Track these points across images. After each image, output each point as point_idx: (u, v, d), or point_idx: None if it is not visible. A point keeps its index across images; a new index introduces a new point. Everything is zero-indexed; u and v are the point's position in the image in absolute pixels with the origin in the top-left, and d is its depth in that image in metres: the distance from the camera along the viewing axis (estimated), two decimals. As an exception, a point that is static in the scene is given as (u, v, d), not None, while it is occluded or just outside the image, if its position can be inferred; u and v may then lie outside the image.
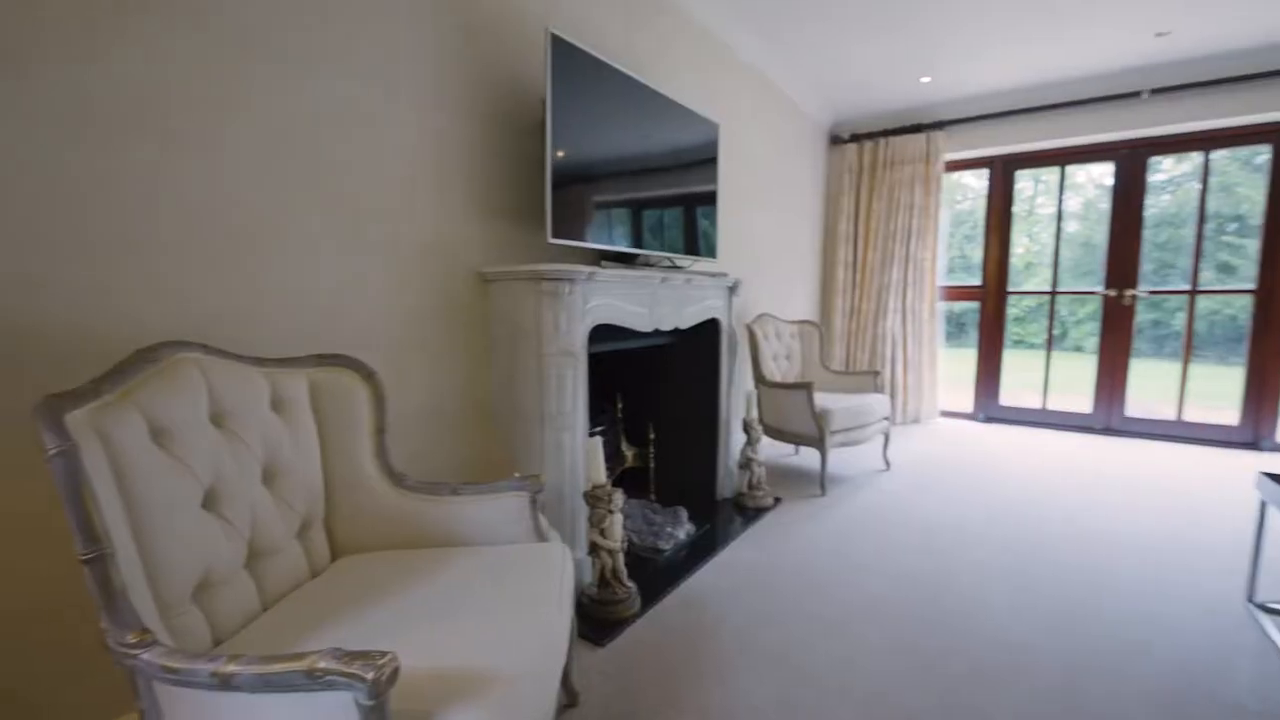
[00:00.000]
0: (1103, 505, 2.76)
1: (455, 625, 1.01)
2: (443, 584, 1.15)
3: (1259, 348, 3.71)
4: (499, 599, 1.10)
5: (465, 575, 1.18)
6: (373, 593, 1.13)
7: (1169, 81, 3.70)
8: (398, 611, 1.05)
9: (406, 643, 0.92)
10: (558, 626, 1.07)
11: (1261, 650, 1.63)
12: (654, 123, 2.29)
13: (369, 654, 0.73)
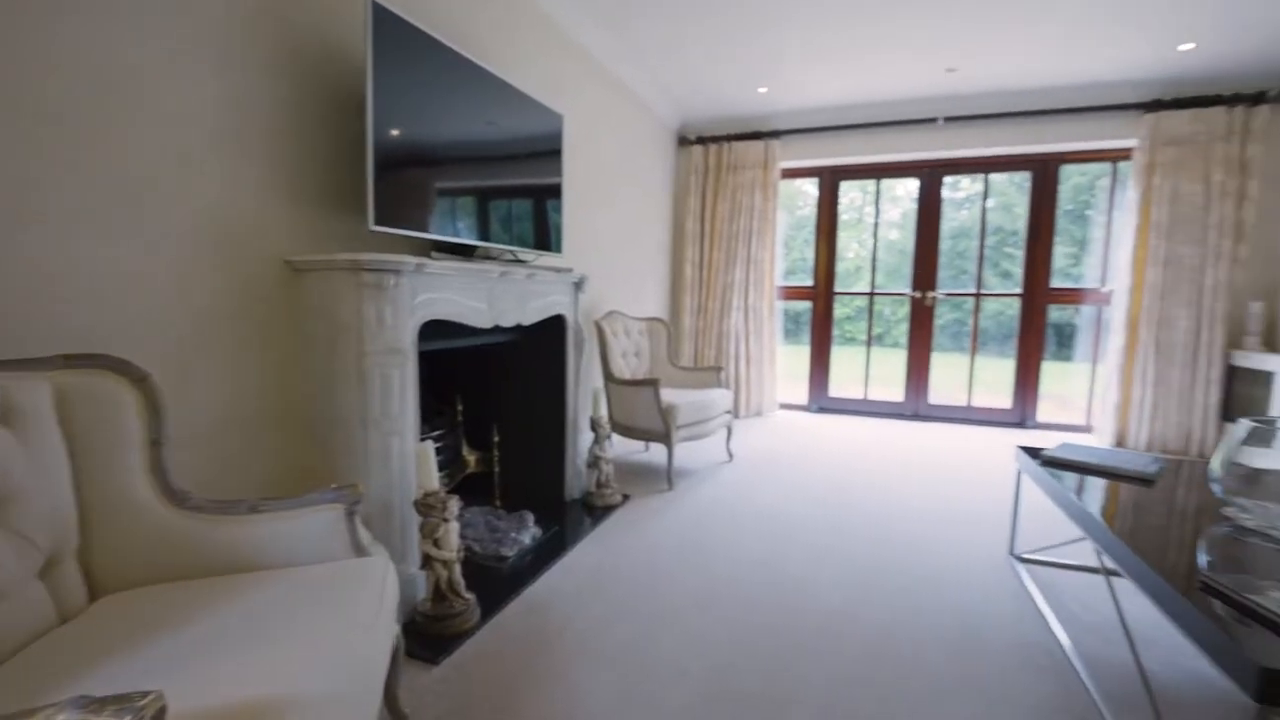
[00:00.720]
0: (909, 482, 3.23)
1: (248, 657, 0.93)
2: (236, 614, 1.05)
3: (1024, 342, 4.58)
4: (304, 623, 1.03)
5: (265, 602, 1.09)
6: (141, 632, 1.00)
7: (959, 112, 4.41)
8: (172, 650, 0.94)
9: (182, 681, 0.83)
10: (374, 647, 1.03)
11: (1017, 593, 2.03)
12: (494, 109, 2.27)
13: (126, 697, 0.66)
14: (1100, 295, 4.37)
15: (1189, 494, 1.74)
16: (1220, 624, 1.01)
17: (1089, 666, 1.60)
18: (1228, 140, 3.75)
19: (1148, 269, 3.92)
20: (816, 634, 1.77)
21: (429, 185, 2.01)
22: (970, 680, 1.56)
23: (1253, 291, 3.86)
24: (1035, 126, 4.30)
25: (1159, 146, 3.87)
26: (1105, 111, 4.08)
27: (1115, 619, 1.62)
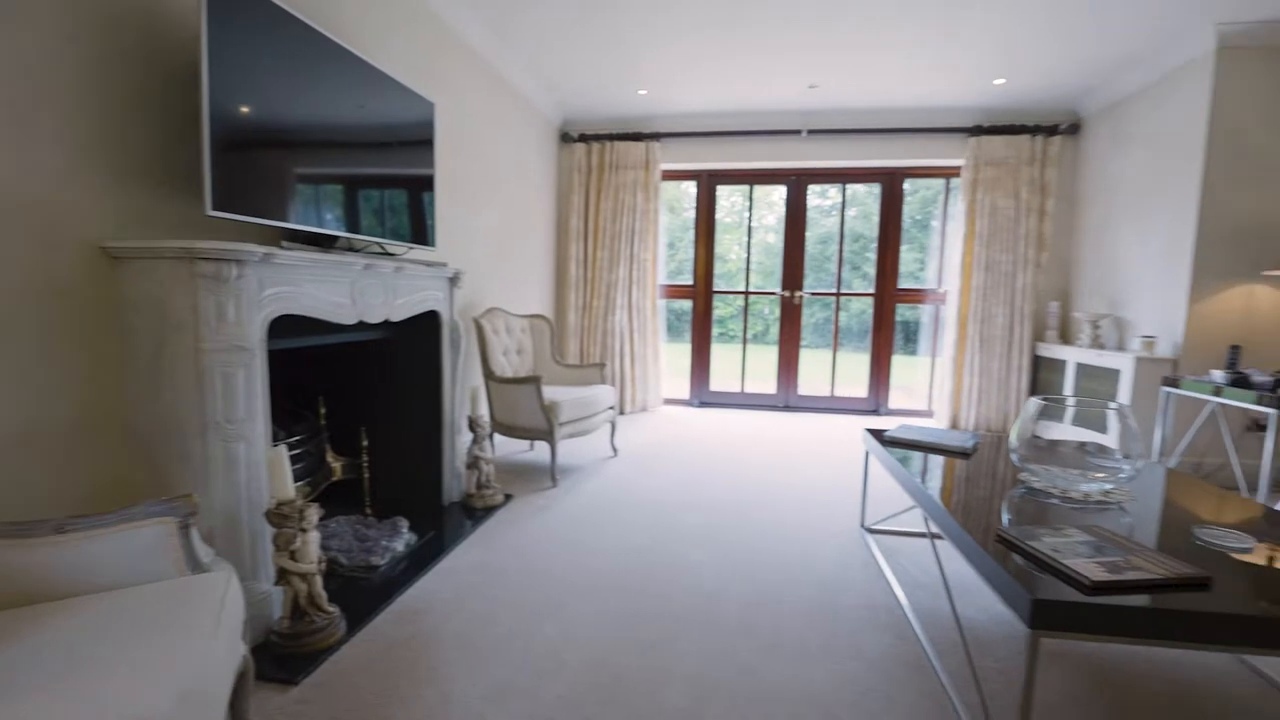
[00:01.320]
0: (778, 467, 3.47)
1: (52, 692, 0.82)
2: (38, 646, 0.92)
3: (878, 338, 5.06)
4: (121, 650, 0.93)
5: (75, 630, 0.97)
6: (-93, 678, 0.85)
7: (820, 126, 4.78)
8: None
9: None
10: (208, 671, 0.95)
11: (866, 560, 2.25)
12: (360, 93, 2.14)
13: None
14: (938, 295, 4.93)
15: (996, 463, 2.02)
16: (1007, 568, 1.20)
17: (921, 619, 1.82)
18: (1032, 164, 4.38)
19: (973, 273, 4.49)
20: (691, 614, 1.86)
21: (285, 170, 1.87)
22: (826, 641, 1.71)
23: (1051, 293, 4.55)
24: (884, 143, 4.76)
25: (981, 166, 4.44)
26: (939, 133, 4.61)
27: (939, 576, 1.85)
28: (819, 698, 1.48)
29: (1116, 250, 4.00)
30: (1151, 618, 1.07)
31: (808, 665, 1.61)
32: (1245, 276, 3.31)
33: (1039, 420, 1.83)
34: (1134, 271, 3.82)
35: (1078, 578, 1.12)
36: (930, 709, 1.44)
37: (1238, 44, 3.19)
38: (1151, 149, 3.69)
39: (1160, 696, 1.50)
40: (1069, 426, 3.83)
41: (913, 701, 1.47)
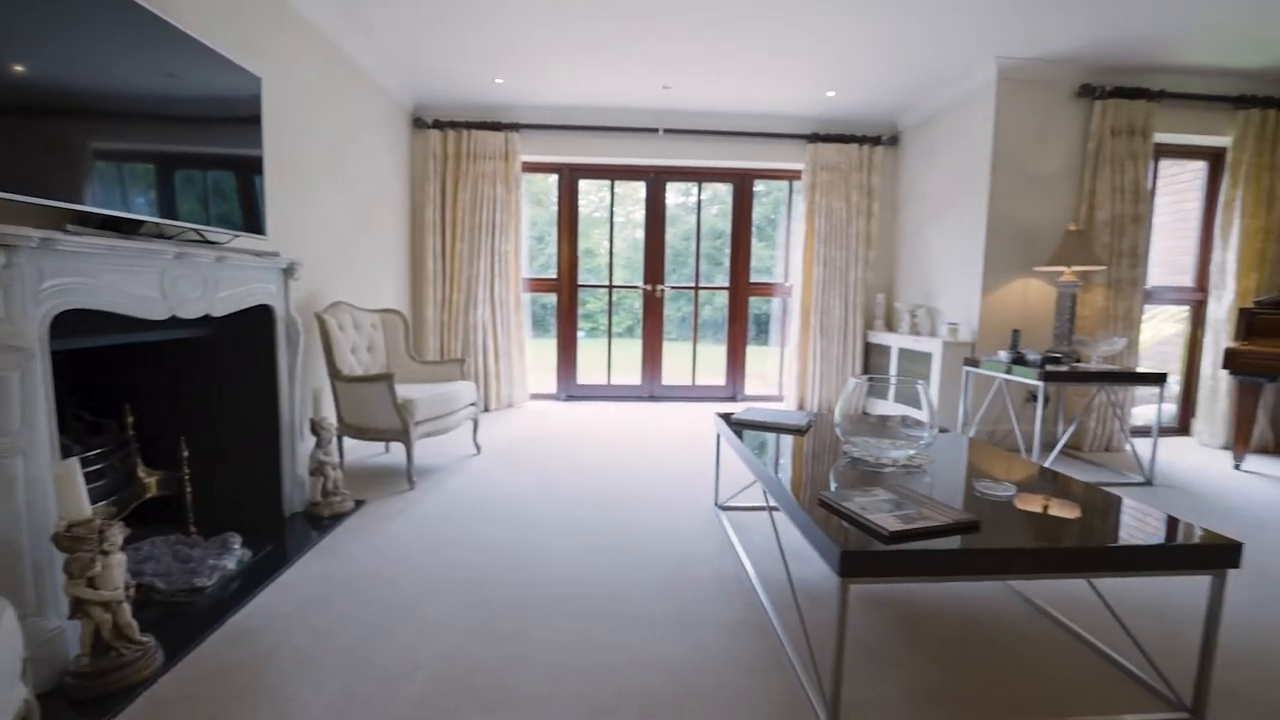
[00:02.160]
0: (640, 455, 3.60)
1: None
2: None
3: (733, 329, 5.40)
4: None
5: None
6: None
7: (677, 125, 4.99)
8: None
9: None
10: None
11: (719, 536, 2.42)
12: (166, 59, 1.90)
13: None
14: (785, 289, 5.37)
15: (826, 438, 2.27)
16: (822, 527, 1.37)
17: (764, 585, 2.00)
18: (860, 170, 4.91)
19: (814, 268, 4.94)
20: (550, 603, 1.89)
21: (76, 143, 1.62)
22: (678, 613, 1.83)
23: (878, 286, 5.14)
24: (736, 145, 5.08)
25: (818, 171, 4.89)
26: (783, 139, 5.01)
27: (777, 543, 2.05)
28: (670, 663, 1.58)
29: (928, 249, 4.61)
30: (936, 557, 1.28)
31: (661, 636, 1.71)
32: (1022, 272, 3.97)
33: (868, 399, 2.08)
34: (941, 267, 4.43)
35: (878, 529, 1.31)
36: (770, 663, 1.60)
37: (1012, 76, 3.80)
38: (952, 161, 4.29)
39: (954, 626, 1.79)
40: (891, 403, 4.35)
41: (755, 657, 1.62)
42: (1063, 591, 1.99)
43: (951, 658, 1.63)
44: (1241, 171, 3.93)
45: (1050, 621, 1.83)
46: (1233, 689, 1.53)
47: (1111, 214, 3.84)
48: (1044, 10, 3.14)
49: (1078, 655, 1.66)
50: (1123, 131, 3.80)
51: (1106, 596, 1.91)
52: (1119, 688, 1.53)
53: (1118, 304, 3.89)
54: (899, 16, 3.23)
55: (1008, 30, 3.38)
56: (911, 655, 1.64)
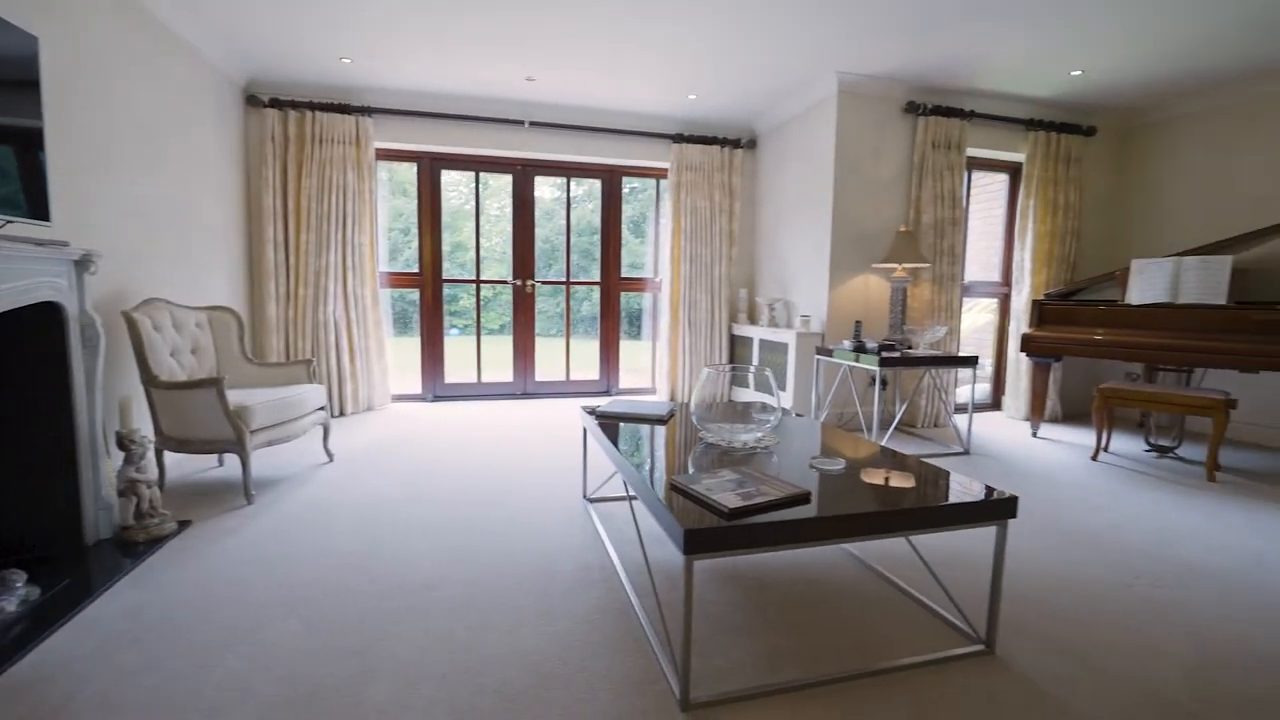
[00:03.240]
0: (511, 452, 3.55)
1: None
2: None
3: (606, 324, 5.48)
4: None
5: None
6: None
7: (543, 119, 4.95)
8: None
9: None
10: None
11: (586, 527, 2.46)
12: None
13: None
14: (655, 284, 5.54)
15: (685, 426, 2.38)
16: (670, 508, 1.44)
17: (627, 572, 2.06)
18: (722, 171, 5.17)
19: (681, 264, 5.14)
20: (404, 611, 1.82)
21: None
22: (541, 607, 1.84)
23: (741, 282, 5.45)
24: (604, 142, 5.14)
25: (683, 170, 5.09)
26: (650, 137, 5.15)
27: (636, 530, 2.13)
28: (531, 656, 1.59)
29: (783, 247, 4.96)
30: (769, 529, 1.39)
31: (522, 632, 1.71)
32: (863, 269, 4.39)
33: (732, 387, 2.20)
34: (795, 264, 4.78)
35: (719, 507, 1.41)
36: (630, 645, 1.65)
37: (851, 90, 4.19)
38: (802, 166, 4.64)
39: (800, 593, 1.95)
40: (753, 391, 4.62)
41: (616, 640, 1.67)
42: (889, 551, 2.24)
43: (796, 621, 1.79)
44: (1033, 183, 4.62)
45: (879, 578, 2.06)
46: (1023, 622, 1.81)
47: (934, 218, 4.36)
48: (872, 33, 3.49)
49: (901, 606, 1.89)
50: (942, 145, 4.33)
51: (924, 552, 2.18)
52: (933, 630, 1.75)
53: (941, 297, 4.43)
54: (748, 30, 3.44)
55: (845, 49, 3.72)
56: (762, 623, 1.77)
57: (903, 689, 1.49)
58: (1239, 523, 2.66)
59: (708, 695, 1.43)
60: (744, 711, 1.40)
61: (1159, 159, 4.70)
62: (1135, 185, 4.87)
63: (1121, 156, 4.95)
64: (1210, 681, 1.55)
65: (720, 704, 1.42)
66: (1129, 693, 1.49)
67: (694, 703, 1.40)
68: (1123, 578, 2.11)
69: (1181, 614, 1.88)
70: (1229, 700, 1.47)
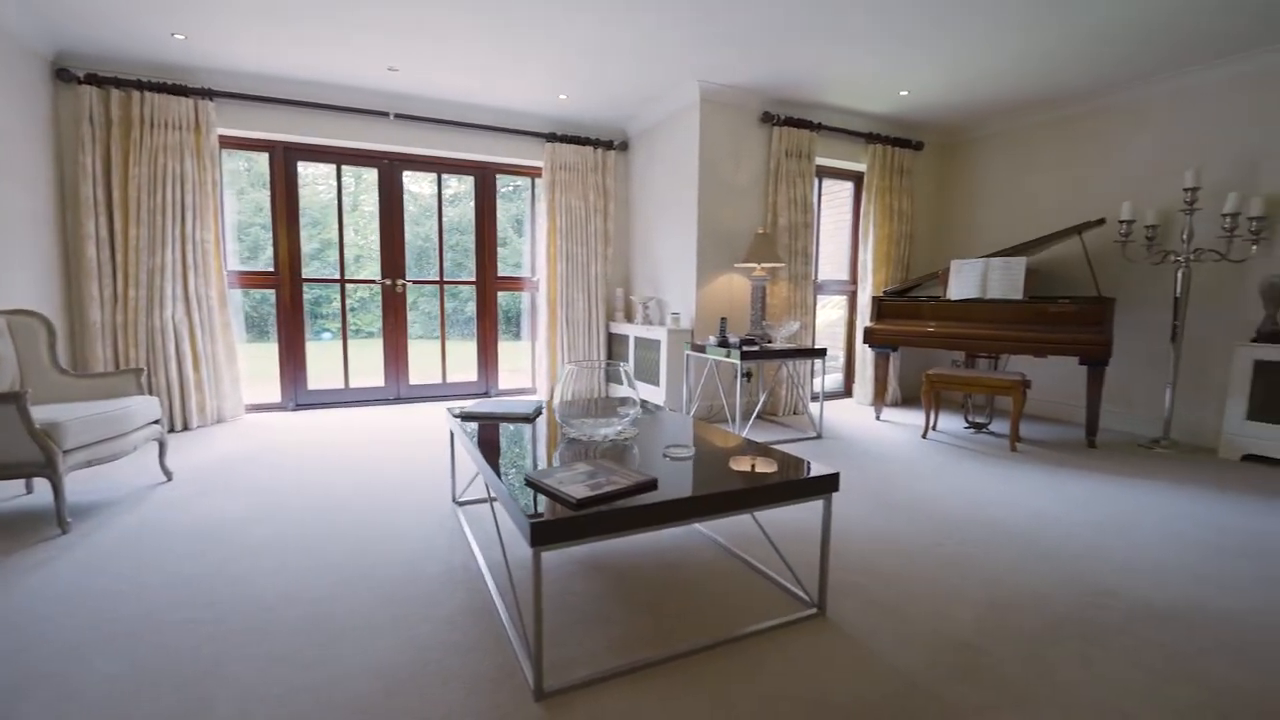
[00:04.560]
0: (380, 459, 3.39)
1: None
2: None
3: (483, 324, 5.36)
4: None
5: None
6: None
7: (410, 111, 4.75)
8: None
9: None
10: None
11: (454, 531, 2.41)
12: None
13: None
14: (532, 283, 5.49)
15: (551, 424, 2.39)
16: (519, 502, 1.45)
17: (491, 572, 2.05)
18: (596, 171, 5.23)
19: (557, 263, 5.14)
20: (245, 634, 1.69)
21: None
22: (400, 613, 1.78)
23: (617, 280, 5.55)
24: (476, 138, 5.02)
25: (557, 169, 5.08)
26: (523, 135, 5.10)
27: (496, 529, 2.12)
28: (384, 665, 1.54)
29: (655, 246, 5.10)
30: (619, 515, 1.45)
31: (377, 642, 1.65)
32: (727, 268, 4.62)
33: (608, 383, 2.23)
34: (666, 263, 4.94)
35: (567, 498, 1.44)
36: (490, 643, 1.65)
37: (712, 99, 4.39)
38: (670, 169, 4.80)
39: (658, 576, 2.03)
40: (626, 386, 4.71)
41: (475, 639, 1.65)
42: (743, 531, 2.39)
43: (653, 604, 1.86)
44: (873, 191, 5.09)
45: (732, 557, 2.20)
46: (853, 584, 2.00)
47: (789, 221, 4.68)
48: (728, 45, 3.68)
49: (750, 580, 2.03)
50: (794, 154, 4.65)
51: (772, 528, 2.35)
52: (776, 599, 1.90)
53: (797, 294, 4.76)
54: (613, 34, 3.51)
55: (705, 59, 3.89)
56: (621, 609, 1.83)
57: (742, 656, 1.60)
58: (1032, 485, 3.11)
59: (561, 684, 1.46)
60: (595, 695, 1.44)
61: (973, 172, 5.35)
62: (956, 194, 5.51)
63: (944, 169, 5.58)
64: (996, 621, 1.80)
65: (573, 690, 1.45)
66: (931, 636, 1.71)
67: (547, 692, 1.43)
68: (936, 539, 2.40)
69: (979, 566, 2.17)
70: (1008, 635, 1.73)
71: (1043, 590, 2.00)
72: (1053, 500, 2.88)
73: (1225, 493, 3.03)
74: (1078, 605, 1.90)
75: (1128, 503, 2.86)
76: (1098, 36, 3.48)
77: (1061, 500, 2.88)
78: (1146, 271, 4.18)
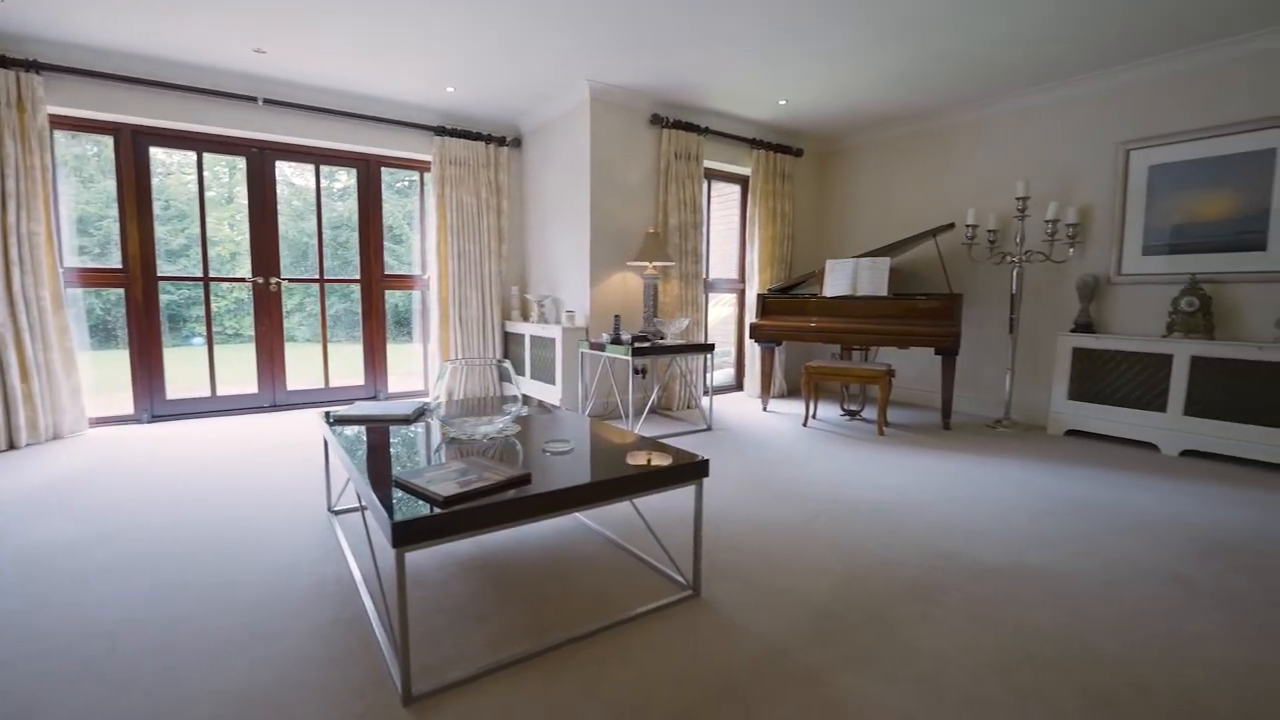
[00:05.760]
0: (249, 471, 3.14)
1: None
2: None
3: (369, 325, 5.10)
4: None
5: None
6: None
7: (282, 97, 4.42)
8: None
9: None
10: None
11: (328, 541, 2.28)
12: None
13: None
14: (423, 282, 5.29)
15: (431, 423, 2.33)
16: (384, 503, 1.41)
17: (365, 581, 1.97)
18: (488, 167, 5.12)
19: (449, 261, 4.99)
20: (77, 665, 1.52)
21: None
22: (265, 630, 1.67)
23: (513, 279, 5.47)
24: (358, 129, 4.76)
25: (446, 164, 4.93)
26: (410, 128, 4.90)
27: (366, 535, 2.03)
28: (235, 688, 1.44)
29: (551, 245, 5.08)
30: (489, 511, 1.44)
31: (233, 662, 1.54)
32: (620, 267, 4.68)
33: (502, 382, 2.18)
34: (561, 261, 4.93)
35: (433, 496, 1.41)
36: (360, 652, 1.58)
37: (602, 98, 4.43)
38: (563, 167, 4.79)
39: (541, 570, 2.04)
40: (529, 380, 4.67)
41: (345, 649, 1.58)
42: (627, 522, 2.45)
43: (535, 597, 1.87)
44: (758, 194, 5.34)
45: (615, 547, 2.24)
46: (729, 565, 2.10)
47: (679, 221, 4.81)
48: (615, 47, 3.73)
49: (631, 568, 2.08)
50: (683, 156, 4.79)
51: (656, 517, 2.41)
52: (655, 584, 1.96)
53: (688, 292, 4.91)
54: (498, 26, 3.45)
55: (593, 58, 3.91)
56: (502, 606, 1.82)
57: (616, 642, 1.65)
58: (894, 465, 3.39)
59: (433, 685, 1.43)
60: (467, 694, 1.43)
61: (847, 178, 5.75)
62: (832, 198, 5.90)
63: (822, 174, 5.96)
64: (852, 588, 1.96)
65: (445, 690, 1.43)
66: (795, 607, 1.83)
67: (416, 695, 1.40)
68: (806, 518, 2.57)
69: (841, 540, 2.35)
70: (861, 600, 1.89)
71: (894, 558, 2.19)
72: (910, 478, 3.17)
73: (1049, 463, 3.46)
74: (922, 569, 2.11)
75: (972, 476, 3.20)
76: (943, 60, 3.86)
77: (918, 477, 3.17)
78: (989, 271, 4.68)
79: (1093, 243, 4.18)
